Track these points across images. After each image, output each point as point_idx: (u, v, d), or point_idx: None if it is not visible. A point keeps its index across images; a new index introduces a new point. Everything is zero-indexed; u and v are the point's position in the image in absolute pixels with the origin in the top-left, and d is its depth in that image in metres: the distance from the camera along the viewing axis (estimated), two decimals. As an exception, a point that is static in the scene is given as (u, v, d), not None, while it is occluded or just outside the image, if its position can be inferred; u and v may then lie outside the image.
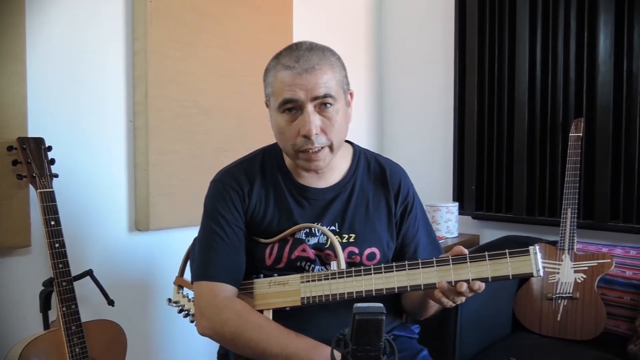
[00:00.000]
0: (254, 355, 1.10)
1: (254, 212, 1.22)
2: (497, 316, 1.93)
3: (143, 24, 1.67)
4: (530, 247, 1.01)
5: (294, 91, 1.09)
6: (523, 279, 1.97)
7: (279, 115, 1.13)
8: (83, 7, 1.59)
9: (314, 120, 1.09)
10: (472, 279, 1.02)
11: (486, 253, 1.02)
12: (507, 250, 1.01)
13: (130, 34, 1.70)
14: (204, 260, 1.17)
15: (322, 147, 1.12)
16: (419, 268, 1.06)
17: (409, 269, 1.06)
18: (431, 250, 1.30)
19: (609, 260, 1.82)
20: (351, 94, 1.21)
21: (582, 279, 1.84)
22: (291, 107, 1.10)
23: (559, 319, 1.84)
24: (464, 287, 1.00)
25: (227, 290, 1.14)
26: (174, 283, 1.34)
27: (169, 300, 1.34)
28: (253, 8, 1.99)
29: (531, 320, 1.90)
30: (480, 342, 1.83)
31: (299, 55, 1.11)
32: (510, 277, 1.01)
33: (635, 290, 1.80)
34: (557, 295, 1.86)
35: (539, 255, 1.00)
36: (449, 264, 1.04)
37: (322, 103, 1.10)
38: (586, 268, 1.85)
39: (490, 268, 1.01)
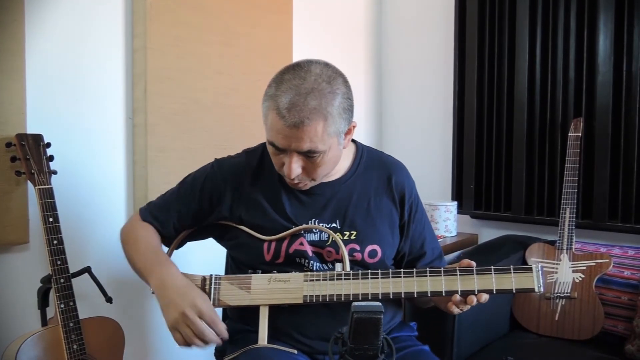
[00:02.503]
0: (132, 267, 1.25)
1: (247, 209, 1.23)
2: (495, 315, 1.94)
3: (143, 21, 1.67)
4: (533, 265, 1.09)
5: (278, 140, 1.09)
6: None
7: (268, 144, 1.15)
8: (82, 4, 1.59)
9: (295, 168, 1.11)
10: (478, 290, 1.08)
11: (492, 267, 1.09)
12: (511, 267, 1.09)
13: (130, 31, 1.69)
14: (154, 203, 1.33)
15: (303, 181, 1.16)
16: (426, 276, 1.10)
17: (417, 276, 1.10)
18: (434, 246, 1.35)
19: (607, 260, 1.83)
20: (354, 126, 1.18)
21: (580, 279, 1.84)
22: (276, 149, 1.12)
23: (556, 318, 1.85)
24: (474, 300, 1.08)
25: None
26: None
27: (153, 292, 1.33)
28: (253, 6, 1.99)
29: (529, 319, 1.91)
30: (478, 341, 1.83)
31: (294, 102, 1.05)
32: (514, 291, 1.09)
33: (633, 290, 1.80)
34: (555, 294, 1.86)
35: (541, 272, 1.09)
36: (456, 275, 1.09)
37: (307, 155, 1.11)
38: (584, 268, 1.85)
39: (495, 281, 1.08)
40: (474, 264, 1.12)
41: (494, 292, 1.08)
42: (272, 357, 1.11)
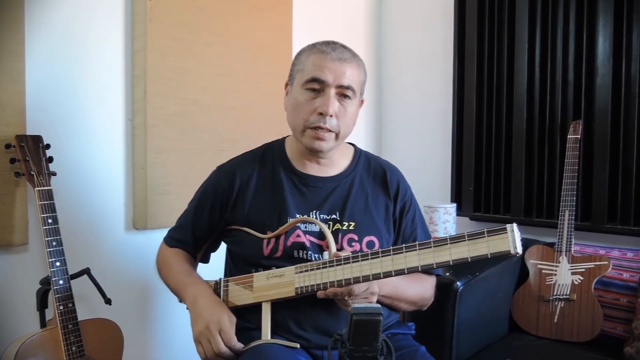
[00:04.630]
0: (169, 289, 1.33)
1: (250, 205, 1.27)
2: (494, 317, 1.94)
3: (143, 22, 1.67)
4: (508, 225, 1.01)
5: (323, 72, 1.19)
6: (520, 279, 1.98)
7: (301, 91, 1.21)
8: (83, 5, 1.59)
9: (334, 103, 1.19)
10: (453, 261, 1.04)
11: (465, 233, 1.04)
12: (485, 229, 1.02)
13: (130, 32, 1.69)
14: (174, 227, 1.40)
15: (330, 130, 1.21)
16: (402, 252, 1.08)
17: (393, 254, 1.08)
18: None
19: (606, 262, 1.83)
20: (362, 101, 1.32)
21: (579, 281, 1.84)
22: (316, 87, 1.19)
23: (555, 320, 1.85)
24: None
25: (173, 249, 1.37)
26: None
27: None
28: (252, 6, 1.99)
29: (528, 321, 1.91)
30: (477, 343, 1.83)
31: (335, 47, 1.23)
32: (489, 256, 1.01)
33: (632, 292, 1.80)
34: (554, 297, 1.86)
35: (516, 233, 1.00)
36: (431, 247, 1.06)
37: (343, 93, 1.20)
38: (583, 270, 1.85)
39: (469, 248, 1.03)
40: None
41: (469, 260, 1.02)
42: (275, 352, 1.12)
